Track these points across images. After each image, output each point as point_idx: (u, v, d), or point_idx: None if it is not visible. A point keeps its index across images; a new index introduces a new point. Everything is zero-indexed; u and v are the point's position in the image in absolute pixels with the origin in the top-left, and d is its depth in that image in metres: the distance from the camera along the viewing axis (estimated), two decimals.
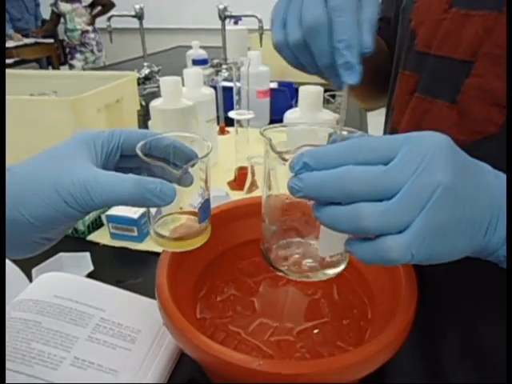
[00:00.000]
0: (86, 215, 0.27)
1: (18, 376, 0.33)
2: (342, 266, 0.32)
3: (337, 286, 0.42)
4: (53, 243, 0.30)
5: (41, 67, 3.67)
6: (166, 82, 0.67)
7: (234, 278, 0.43)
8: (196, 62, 1.19)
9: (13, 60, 3.26)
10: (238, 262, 0.44)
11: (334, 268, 0.32)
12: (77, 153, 0.28)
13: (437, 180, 0.22)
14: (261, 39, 1.22)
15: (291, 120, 0.66)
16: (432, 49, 0.37)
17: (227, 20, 1.25)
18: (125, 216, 0.57)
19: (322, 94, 0.65)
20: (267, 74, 1.00)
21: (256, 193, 0.68)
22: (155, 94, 1.17)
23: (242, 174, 0.71)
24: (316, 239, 0.30)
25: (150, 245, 0.57)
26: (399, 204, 0.22)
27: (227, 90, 0.92)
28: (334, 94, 1.14)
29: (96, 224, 0.61)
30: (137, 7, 1.25)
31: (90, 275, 0.50)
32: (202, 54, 1.42)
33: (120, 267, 0.55)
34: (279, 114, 0.89)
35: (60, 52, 3.78)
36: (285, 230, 0.33)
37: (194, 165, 0.29)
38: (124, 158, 0.32)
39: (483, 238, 0.24)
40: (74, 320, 0.38)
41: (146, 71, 1.30)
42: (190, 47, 1.47)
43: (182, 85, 0.70)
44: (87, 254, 0.53)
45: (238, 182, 0.71)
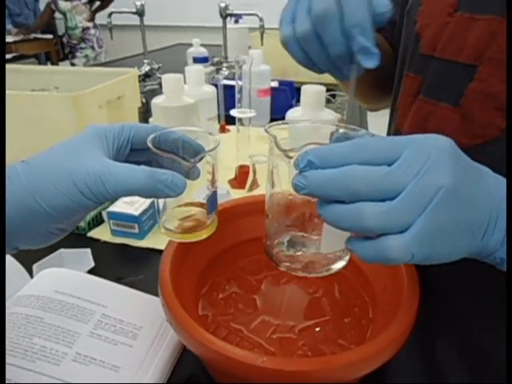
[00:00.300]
0: (100, 205, 0.28)
1: (19, 371, 0.33)
2: (343, 262, 0.33)
3: (338, 284, 0.42)
4: (65, 234, 0.30)
5: (39, 63, 3.66)
6: (168, 80, 0.67)
7: (235, 275, 0.43)
8: (197, 60, 1.19)
9: (11, 55, 3.25)
10: (239, 259, 0.44)
11: (336, 264, 0.32)
12: (90, 145, 0.29)
13: (439, 182, 0.22)
14: (262, 38, 1.22)
15: (293, 119, 0.66)
16: (436, 52, 0.37)
17: (228, 18, 1.24)
18: (126, 213, 0.56)
19: (324, 94, 0.66)
20: (268, 72, 1.00)
21: (257, 191, 0.68)
22: (155, 92, 1.17)
23: (242, 172, 0.71)
24: (318, 236, 0.30)
25: (151, 242, 0.57)
26: (401, 204, 0.22)
27: (228, 88, 0.92)
28: (335, 94, 1.14)
29: (97, 220, 0.61)
30: (138, 4, 1.25)
31: (91, 272, 0.50)
32: (203, 51, 1.42)
33: (121, 264, 0.55)
34: (280, 112, 0.90)
35: (59, 48, 3.77)
36: (288, 226, 0.33)
37: (202, 158, 0.30)
38: (133, 151, 0.33)
39: (481, 239, 0.24)
40: (76, 316, 0.38)
41: (146, 68, 1.30)
42: (190, 45, 1.47)
43: (184, 82, 0.70)
44: (88, 251, 0.52)
45: (238, 181, 0.71)
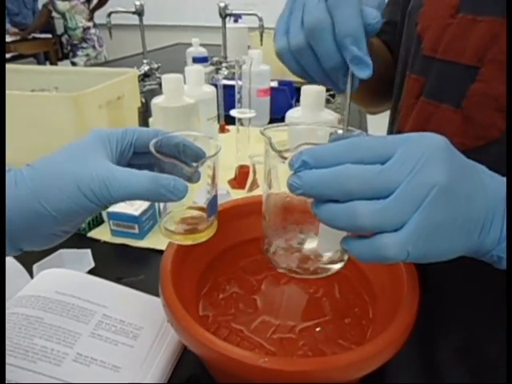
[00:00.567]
0: (103, 209, 0.28)
1: (20, 372, 0.33)
2: (341, 262, 0.33)
3: (338, 284, 0.42)
4: (68, 235, 0.31)
5: (38, 62, 3.66)
6: (167, 80, 0.66)
7: (236, 275, 0.43)
8: (196, 60, 1.19)
9: (10, 55, 3.25)
10: (240, 260, 0.44)
11: (334, 265, 0.32)
12: (94, 150, 0.29)
13: (433, 180, 0.22)
14: (261, 38, 1.21)
15: (293, 119, 0.66)
16: (438, 53, 0.37)
17: (227, 18, 1.24)
18: (126, 213, 0.56)
19: (324, 94, 0.66)
20: (268, 72, 1.00)
21: (257, 191, 0.68)
22: (155, 91, 1.17)
23: (242, 172, 0.71)
24: (316, 237, 0.30)
25: (151, 242, 0.57)
26: (395, 203, 0.22)
27: (227, 88, 0.92)
28: (334, 94, 1.14)
29: (97, 221, 0.60)
30: (137, 3, 1.24)
31: (91, 272, 0.50)
32: (202, 51, 1.42)
33: (121, 264, 0.55)
34: (279, 112, 0.90)
35: (58, 47, 3.76)
36: (285, 227, 0.34)
37: (203, 163, 0.30)
38: (136, 154, 0.33)
39: (478, 237, 0.24)
40: (77, 316, 0.38)
41: (145, 68, 1.30)
42: (189, 44, 1.46)
43: (184, 82, 0.70)
44: (88, 251, 0.52)
45: (238, 181, 0.71)
